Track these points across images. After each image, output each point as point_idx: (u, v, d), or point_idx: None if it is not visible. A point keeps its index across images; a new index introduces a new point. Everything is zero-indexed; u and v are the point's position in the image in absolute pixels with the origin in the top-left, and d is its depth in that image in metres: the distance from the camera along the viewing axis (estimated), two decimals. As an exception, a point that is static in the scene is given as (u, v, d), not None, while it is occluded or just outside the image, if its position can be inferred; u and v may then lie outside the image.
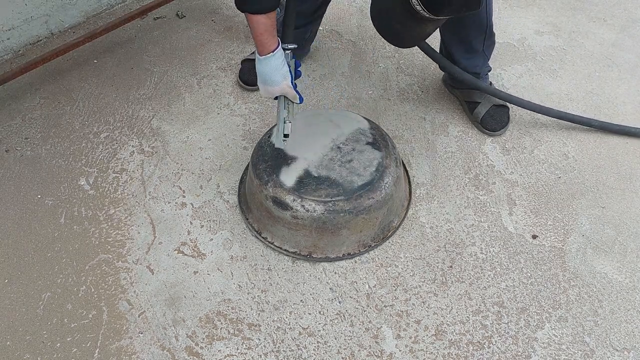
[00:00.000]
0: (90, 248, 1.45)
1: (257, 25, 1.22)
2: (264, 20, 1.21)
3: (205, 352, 1.26)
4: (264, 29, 1.22)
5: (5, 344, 1.28)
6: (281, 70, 1.27)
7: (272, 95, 1.32)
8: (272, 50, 1.25)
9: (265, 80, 1.28)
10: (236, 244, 1.45)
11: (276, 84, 1.27)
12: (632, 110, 1.76)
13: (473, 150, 1.66)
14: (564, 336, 1.26)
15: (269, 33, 1.23)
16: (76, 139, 1.72)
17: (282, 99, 1.32)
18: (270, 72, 1.26)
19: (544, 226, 1.47)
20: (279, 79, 1.27)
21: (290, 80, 1.29)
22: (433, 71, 1.90)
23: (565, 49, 1.99)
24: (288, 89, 1.29)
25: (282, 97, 1.32)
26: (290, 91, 1.30)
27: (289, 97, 1.32)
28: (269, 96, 1.32)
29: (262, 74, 1.28)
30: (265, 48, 1.24)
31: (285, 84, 1.28)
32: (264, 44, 1.24)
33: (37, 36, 2.04)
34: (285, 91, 1.30)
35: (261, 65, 1.27)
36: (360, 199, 1.34)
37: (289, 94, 1.30)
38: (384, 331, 1.28)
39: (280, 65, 1.27)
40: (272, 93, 1.31)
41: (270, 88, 1.29)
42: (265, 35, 1.23)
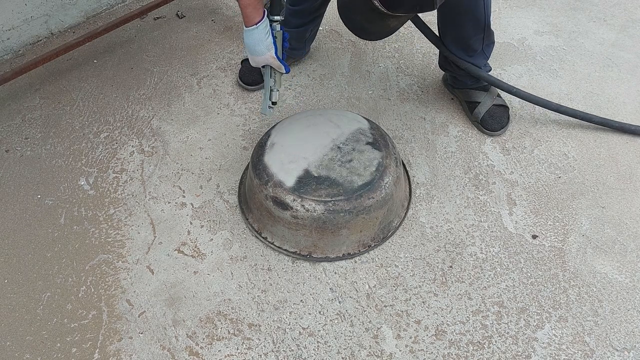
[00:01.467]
0: (90, 248, 1.45)
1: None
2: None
3: (205, 352, 1.26)
4: (248, 2, 1.28)
5: (5, 344, 1.28)
6: (265, 41, 1.33)
7: (258, 65, 1.39)
8: (256, 23, 1.30)
9: (251, 51, 1.35)
10: (236, 244, 1.45)
11: (260, 54, 1.34)
12: (632, 110, 1.76)
13: (473, 150, 1.66)
14: (564, 336, 1.26)
15: (253, 6, 1.29)
16: (76, 139, 1.72)
17: (268, 69, 1.40)
18: (254, 43, 1.33)
19: (544, 226, 1.47)
20: (263, 50, 1.33)
21: (274, 51, 1.35)
22: (433, 71, 1.90)
23: (565, 49, 1.99)
24: (272, 60, 1.36)
25: (268, 66, 1.39)
26: (274, 62, 1.37)
27: (274, 67, 1.39)
28: (256, 65, 1.39)
29: (248, 45, 1.34)
30: (250, 20, 1.30)
31: (269, 54, 1.35)
32: (248, 15, 1.30)
33: (37, 36, 2.04)
34: (269, 61, 1.36)
35: (246, 36, 1.33)
36: (360, 199, 1.34)
37: (274, 64, 1.37)
38: (384, 331, 1.28)
39: (263, 37, 1.32)
40: (258, 63, 1.38)
41: (256, 58, 1.36)
42: (250, 8, 1.29)
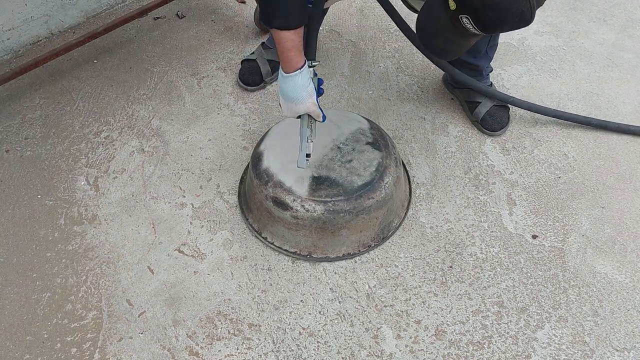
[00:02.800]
0: (90, 248, 1.45)
1: (285, 41, 1.18)
2: (291, 37, 1.17)
3: (205, 352, 1.26)
4: (292, 45, 1.18)
5: (6, 345, 1.28)
6: (307, 87, 1.23)
7: (295, 114, 1.28)
8: (300, 68, 1.21)
9: (291, 98, 1.24)
10: (236, 244, 1.45)
11: (301, 101, 1.24)
12: (632, 110, 1.76)
13: (473, 150, 1.66)
14: (564, 336, 1.26)
15: (297, 49, 1.20)
16: (76, 139, 1.72)
17: (305, 118, 1.29)
18: (296, 89, 1.22)
19: (544, 226, 1.47)
20: (304, 97, 1.23)
21: (315, 98, 1.26)
22: (433, 71, 1.90)
23: (565, 49, 1.99)
24: (313, 107, 1.26)
25: (305, 115, 1.28)
26: (315, 109, 1.26)
27: (312, 116, 1.28)
28: (292, 115, 1.28)
29: (287, 91, 1.23)
30: (292, 65, 1.21)
31: (310, 101, 1.25)
32: (291, 60, 1.20)
33: (37, 36, 2.04)
34: (310, 109, 1.26)
35: (286, 83, 1.23)
36: (360, 199, 1.34)
37: (314, 112, 1.27)
38: (384, 331, 1.28)
39: (306, 82, 1.23)
40: (296, 112, 1.26)
41: (294, 106, 1.25)
42: (293, 52, 1.19)
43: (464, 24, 1.03)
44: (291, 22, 1.17)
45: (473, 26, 1.02)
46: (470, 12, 1.01)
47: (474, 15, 1.01)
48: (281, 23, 1.17)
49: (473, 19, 1.01)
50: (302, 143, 1.29)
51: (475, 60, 1.62)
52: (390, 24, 2.09)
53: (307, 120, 1.29)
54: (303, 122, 1.29)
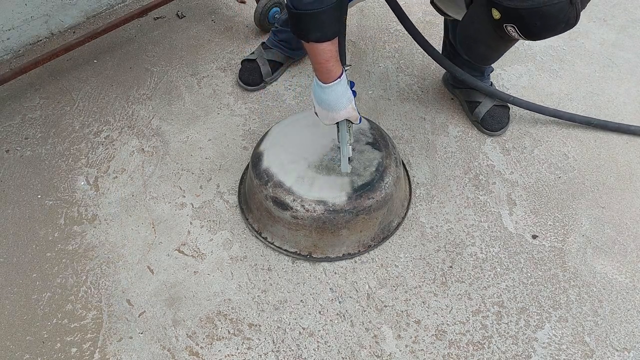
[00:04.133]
0: (90, 248, 1.45)
1: (323, 53, 1.15)
2: (329, 47, 1.15)
3: (205, 352, 1.26)
4: (330, 56, 1.16)
5: (6, 344, 1.28)
6: (347, 94, 1.22)
7: (335, 121, 1.26)
8: (339, 76, 1.19)
9: (332, 107, 1.22)
10: (236, 244, 1.45)
11: (342, 109, 1.22)
12: (632, 111, 1.76)
13: (473, 150, 1.66)
14: (564, 336, 1.26)
15: (335, 59, 1.17)
16: (76, 139, 1.72)
17: (344, 123, 1.28)
18: (337, 98, 1.21)
19: (544, 226, 1.47)
20: (346, 104, 1.22)
21: (354, 102, 1.25)
22: (433, 71, 1.90)
23: (565, 49, 1.99)
24: (353, 112, 1.25)
25: (344, 120, 1.27)
26: (354, 113, 1.25)
27: (351, 120, 1.27)
28: (331, 123, 1.27)
29: (328, 101, 1.21)
30: (332, 75, 1.18)
31: (351, 107, 1.24)
32: (330, 71, 1.18)
33: (37, 36, 2.04)
34: (350, 114, 1.25)
35: (326, 93, 1.20)
36: (360, 199, 1.34)
37: (353, 116, 1.26)
38: (384, 331, 1.28)
39: (346, 90, 1.22)
40: (337, 119, 1.25)
41: (336, 115, 1.24)
42: (332, 62, 1.17)
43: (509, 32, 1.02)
44: (329, 33, 1.14)
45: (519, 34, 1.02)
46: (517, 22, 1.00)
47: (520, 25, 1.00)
48: (319, 36, 1.14)
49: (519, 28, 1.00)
50: (343, 148, 1.30)
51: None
52: (390, 24, 2.09)
53: (347, 124, 1.29)
54: (342, 127, 1.29)
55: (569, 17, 0.98)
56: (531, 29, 1.00)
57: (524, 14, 0.98)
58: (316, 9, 1.10)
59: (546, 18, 0.98)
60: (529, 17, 0.98)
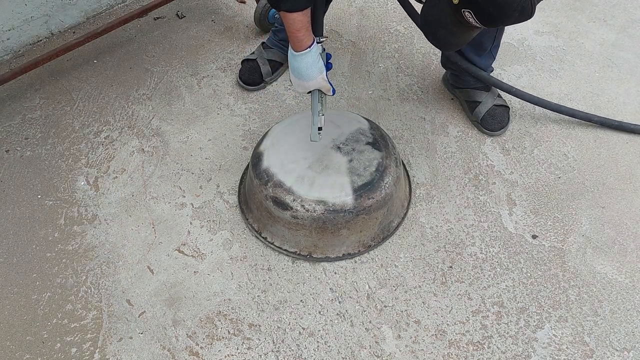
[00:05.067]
0: (90, 248, 1.45)
1: (294, 22, 1.21)
2: (300, 18, 1.21)
3: (205, 352, 1.26)
4: (301, 26, 1.22)
5: (6, 345, 1.28)
6: (317, 64, 1.28)
7: (306, 90, 1.32)
8: (309, 46, 1.25)
9: (302, 76, 1.29)
10: (236, 244, 1.45)
11: (312, 78, 1.28)
12: (632, 111, 1.76)
13: (473, 150, 1.66)
14: (564, 336, 1.26)
15: (305, 29, 1.23)
16: (76, 139, 1.72)
17: (316, 93, 1.33)
18: (306, 67, 1.27)
19: (544, 226, 1.47)
20: (315, 74, 1.28)
21: (325, 73, 1.30)
22: (433, 71, 1.90)
23: (565, 49, 1.99)
24: (323, 82, 1.30)
25: (316, 90, 1.33)
26: (325, 84, 1.31)
27: (323, 90, 1.33)
28: (303, 91, 1.33)
29: (298, 69, 1.28)
30: (302, 44, 1.24)
31: (321, 77, 1.29)
32: (300, 40, 1.24)
33: (37, 36, 2.04)
34: (320, 85, 1.30)
35: (297, 61, 1.27)
36: (360, 199, 1.34)
37: (324, 87, 1.31)
38: (384, 331, 1.28)
39: (316, 60, 1.27)
40: (308, 88, 1.31)
41: (305, 83, 1.30)
42: (302, 32, 1.23)
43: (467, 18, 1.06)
44: (300, 4, 1.20)
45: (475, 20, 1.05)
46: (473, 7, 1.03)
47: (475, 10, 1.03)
48: (289, 6, 1.20)
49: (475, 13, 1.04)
50: (314, 117, 1.34)
51: (480, 60, 1.62)
52: (390, 24, 2.09)
53: (318, 95, 1.33)
54: (314, 97, 1.34)
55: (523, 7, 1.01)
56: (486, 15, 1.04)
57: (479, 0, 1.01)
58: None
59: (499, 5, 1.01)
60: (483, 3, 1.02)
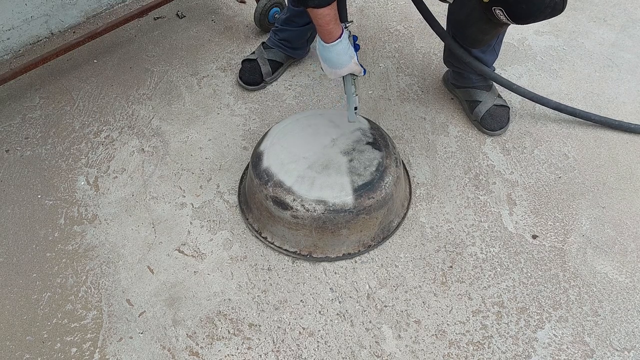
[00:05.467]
0: (90, 248, 1.45)
1: (322, 17, 1.22)
2: (328, 11, 1.22)
3: (205, 352, 1.26)
4: (329, 19, 1.23)
5: (5, 344, 1.27)
6: (348, 51, 1.29)
7: (339, 76, 1.34)
8: (340, 36, 1.27)
9: (334, 64, 1.30)
10: (236, 244, 1.45)
11: (345, 64, 1.30)
12: (632, 110, 1.76)
13: (473, 150, 1.66)
14: (564, 336, 1.26)
15: (334, 21, 1.25)
16: (76, 139, 1.72)
17: (349, 77, 1.36)
18: (338, 55, 1.29)
19: (544, 226, 1.47)
20: (347, 60, 1.30)
21: (356, 57, 1.32)
22: (433, 71, 1.90)
23: (565, 49, 1.99)
24: (355, 66, 1.32)
25: (348, 75, 1.35)
26: (357, 67, 1.33)
27: (355, 73, 1.35)
28: (336, 77, 1.35)
29: (330, 59, 1.30)
30: (333, 36, 1.26)
31: (353, 62, 1.31)
32: (330, 32, 1.25)
33: (37, 36, 2.04)
34: (353, 69, 1.32)
35: (328, 52, 1.29)
36: (360, 199, 1.34)
37: (356, 70, 1.33)
38: (384, 331, 1.28)
39: (347, 47, 1.29)
40: (341, 74, 1.33)
41: (339, 70, 1.32)
42: (331, 24, 1.24)
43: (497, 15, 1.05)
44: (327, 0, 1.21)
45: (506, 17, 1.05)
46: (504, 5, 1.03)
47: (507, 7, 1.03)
48: (317, 2, 1.20)
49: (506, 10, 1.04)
50: (349, 99, 1.39)
51: (484, 56, 1.62)
52: (390, 24, 2.09)
53: (351, 78, 1.37)
54: (347, 81, 1.37)
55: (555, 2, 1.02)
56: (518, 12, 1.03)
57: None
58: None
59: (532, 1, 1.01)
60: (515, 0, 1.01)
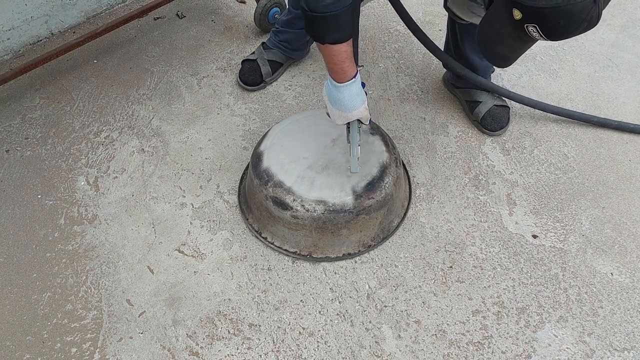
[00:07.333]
0: (90, 248, 1.45)
1: (339, 54, 1.16)
2: (345, 48, 1.16)
3: (205, 352, 1.26)
4: (346, 57, 1.17)
5: (6, 344, 1.28)
6: (361, 94, 1.23)
7: (347, 121, 1.26)
8: (354, 76, 1.21)
9: (345, 107, 1.23)
10: (236, 244, 1.45)
11: (356, 108, 1.24)
12: (632, 111, 1.76)
13: (473, 150, 1.66)
14: (564, 336, 1.26)
15: (350, 60, 1.18)
16: (76, 139, 1.72)
17: (355, 123, 1.28)
18: (351, 98, 1.22)
19: (544, 226, 1.47)
20: (359, 103, 1.23)
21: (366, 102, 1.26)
22: (433, 71, 1.90)
23: (565, 49, 1.99)
24: (365, 112, 1.26)
25: (355, 120, 1.27)
26: (366, 113, 1.26)
27: (362, 120, 1.28)
28: (343, 122, 1.27)
29: (341, 100, 1.22)
30: (347, 75, 1.20)
31: (363, 107, 1.25)
32: (345, 71, 1.19)
33: (37, 36, 2.04)
34: (362, 114, 1.26)
35: (340, 92, 1.21)
36: (360, 199, 1.34)
37: (365, 116, 1.27)
38: (384, 331, 1.28)
39: (360, 89, 1.23)
40: (349, 118, 1.26)
41: (348, 114, 1.24)
42: (347, 63, 1.18)
43: (529, 33, 1.01)
44: (346, 35, 1.16)
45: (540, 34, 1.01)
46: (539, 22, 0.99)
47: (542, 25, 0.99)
48: (336, 38, 1.15)
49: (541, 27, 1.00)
50: (353, 148, 1.28)
51: (482, 63, 1.62)
52: (390, 24, 2.09)
53: (357, 125, 1.28)
54: (353, 128, 1.28)
55: (591, 16, 0.98)
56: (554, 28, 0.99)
57: (547, 13, 0.97)
58: (333, 10, 1.11)
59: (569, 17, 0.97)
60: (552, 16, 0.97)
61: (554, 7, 0.95)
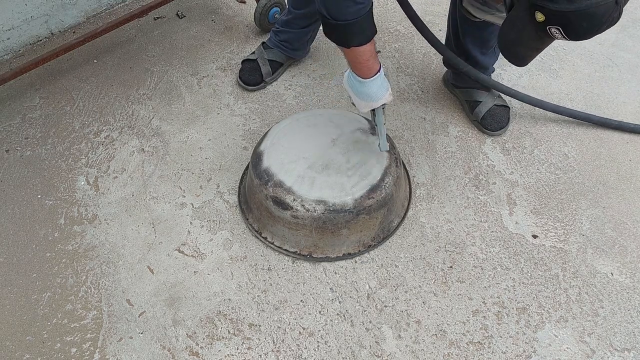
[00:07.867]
0: (90, 248, 1.45)
1: (363, 54, 1.21)
2: (369, 48, 1.21)
3: (205, 352, 1.26)
4: (370, 55, 1.22)
5: (6, 344, 1.27)
6: (385, 83, 1.29)
7: (373, 107, 1.33)
8: (379, 70, 1.26)
9: (372, 98, 1.29)
10: (236, 244, 1.45)
11: (382, 97, 1.30)
12: (633, 111, 1.76)
13: (473, 150, 1.66)
14: (564, 336, 1.26)
15: (374, 57, 1.23)
16: (76, 139, 1.72)
17: (380, 108, 1.34)
18: (377, 90, 1.28)
19: (544, 226, 1.47)
20: (384, 93, 1.29)
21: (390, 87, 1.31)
22: (433, 71, 1.90)
23: (565, 49, 1.99)
24: (390, 97, 1.32)
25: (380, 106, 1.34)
26: (391, 97, 1.32)
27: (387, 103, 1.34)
28: (368, 109, 1.35)
29: (368, 93, 1.28)
30: (372, 71, 1.25)
31: (388, 94, 1.31)
32: (370, 67, 1.24)
33: (37, 36, 2.04)
34: (387, 99, 1.32)
35: (367, 87, 1.27)
36: (360, 199, 1.34)
37: (390, 99, 1.33)
38: (385, 331, 1.28)
39: (384, 79, 1.28)
40: (375, 106, 1.32)
41: (375, 103, 1.31)
42: (371, 60, 1.23)
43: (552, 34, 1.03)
44: (369, 35, 1.20)
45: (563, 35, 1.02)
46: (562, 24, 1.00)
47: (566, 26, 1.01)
48: (361, 40, 1.19)
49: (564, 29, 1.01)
50: (381, 129, 1.38)
51: (484, 58, 1.62)
52: (390, 24, 2.09)
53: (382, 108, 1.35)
54: (379, 112, 1.36)
55: (613, 17, 1.01)
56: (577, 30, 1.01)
57: (572, 17, 0.98)
58: (357, 17, 1.15)
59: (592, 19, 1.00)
60: (576, 19, 0.99)
61: (576, 10, 0.97)
